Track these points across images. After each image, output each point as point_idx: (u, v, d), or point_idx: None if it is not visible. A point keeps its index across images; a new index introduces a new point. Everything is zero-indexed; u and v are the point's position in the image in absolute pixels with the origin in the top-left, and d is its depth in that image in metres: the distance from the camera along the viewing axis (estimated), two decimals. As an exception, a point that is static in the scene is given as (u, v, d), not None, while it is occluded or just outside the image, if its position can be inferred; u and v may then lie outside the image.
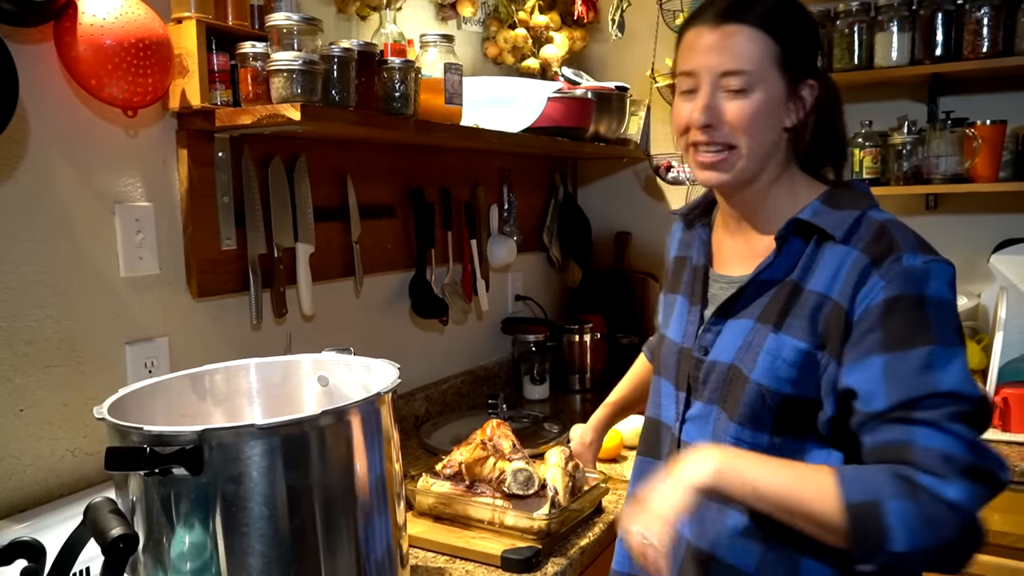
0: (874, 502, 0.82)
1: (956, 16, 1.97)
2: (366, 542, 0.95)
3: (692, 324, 1.11)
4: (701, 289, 1.12)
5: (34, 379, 1.17)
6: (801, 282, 0.99)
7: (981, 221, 2.18)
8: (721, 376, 1.03)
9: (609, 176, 2.72)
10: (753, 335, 1.01)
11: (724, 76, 0.98)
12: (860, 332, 0.91)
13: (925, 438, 0.84)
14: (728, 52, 0.97)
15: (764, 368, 0.97)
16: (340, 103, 1.34)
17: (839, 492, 0.84)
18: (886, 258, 0.92)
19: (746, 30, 0.97)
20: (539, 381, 2.28)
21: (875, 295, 0.91)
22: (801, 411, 0.97)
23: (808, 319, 0.96)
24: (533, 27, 2.33)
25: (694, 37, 1.01)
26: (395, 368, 1.08)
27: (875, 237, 0.95)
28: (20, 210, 1.15)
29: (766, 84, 0.98)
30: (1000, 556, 1.68)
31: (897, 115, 2.17)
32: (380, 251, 1.85)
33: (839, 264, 0.96)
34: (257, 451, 0.85)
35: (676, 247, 1.25)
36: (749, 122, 0.98)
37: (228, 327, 1.49)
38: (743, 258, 1.08)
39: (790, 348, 0.96)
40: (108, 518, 0.81)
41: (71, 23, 1.11)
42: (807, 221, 0.99)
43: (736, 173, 1.01)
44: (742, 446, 0.99)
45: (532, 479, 1.33)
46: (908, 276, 0.90)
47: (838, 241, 0.97)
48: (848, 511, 0.83)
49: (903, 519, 0.81)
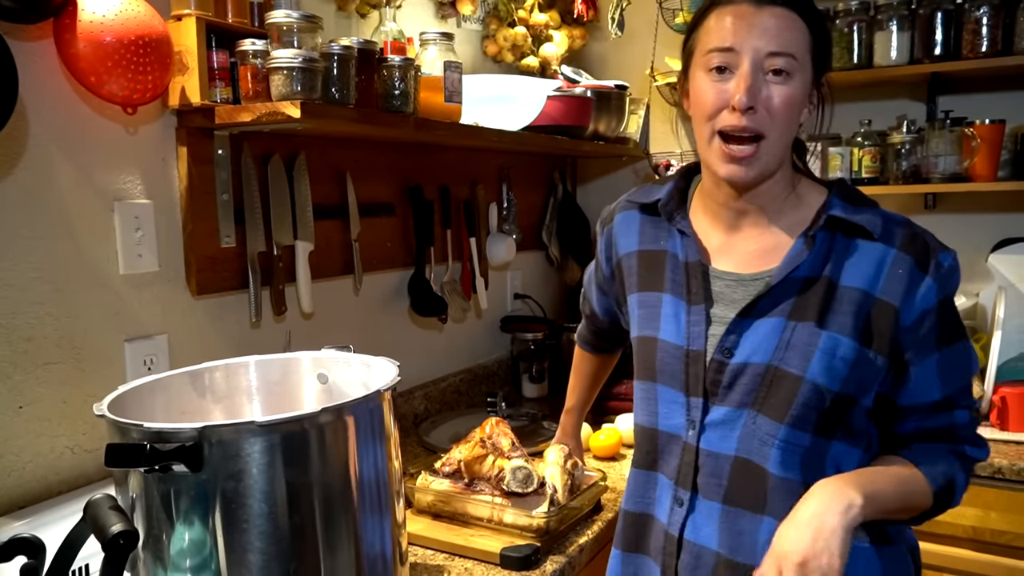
0: (951, 482, 1.00)
1: (955, 15, 1.97)
2: (365, 539, 0.95)
3: (697, 324, 1.05)
4: (702, 286, 1.06)
5: (33, 376, 1.17)
6: (835, 278, 0.99)
7: (980, 220, 2.18)
8: (756, 378, 0.99)
9: (608, 175, 2.72)
10: (791, 333, 0.98)
11: (770, 57, 0.95)
12: (923, 334, 0.98)
13: (963, 419, 1.03)
14: (776, 33, 0.94)
15: (821, 367, 0.97)
16: (340, 101, 1.34)
17: (929, 485, 0.99)
18: (929, 260, 0.97)
19: (791, 14, 0.96)
20: (538, 379, 2.28)
21: (931, 298, 0.97)
22: (841, 409, 0.99)
23: (853, 315, 0.97)
24: (533, 25, 2.33)
25: (734, 13, 0.96)
26: (394, 366, 1.08)
27: (909, 237, 0.99)
28: (19, 207, 1.15)
29: (803, 73, 0.97)
30: (998, 555, 1.68)
31: (896, 114, 2.17)
32: (379, 249, 1.85)
33: (879, 262, 0.98)
34: (257, 448, 0.85)
35: (636, 240, 1.16)
36: (788, 110, 0.96)
37: (227, 325, 1.49)
38: (751, 255, 1.05)
39: (847, 346, 0.97)
40: (108, 514, 0.81)
41: (71, 20, 1.11)
42: (843, 218, 0.99)
43: (761, 168, 0.99)
44: (790, 448, 0.99)
45: (531, 477, 1.33)
46: (948, 277, 0.98)
47: (876, 238, 0.98)
48: (936, 495, 0.99)
49: (964, 484, 1.02)
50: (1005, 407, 1.79)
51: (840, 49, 2.09)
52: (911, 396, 1.01)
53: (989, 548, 1.69)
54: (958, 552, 1.72)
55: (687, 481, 1.05)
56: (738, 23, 0.96)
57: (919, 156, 2.07)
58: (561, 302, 2.70)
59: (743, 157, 0.97)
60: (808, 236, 1.00)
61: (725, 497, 1.02)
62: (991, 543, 1.69)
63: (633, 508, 1.14)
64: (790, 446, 0.99)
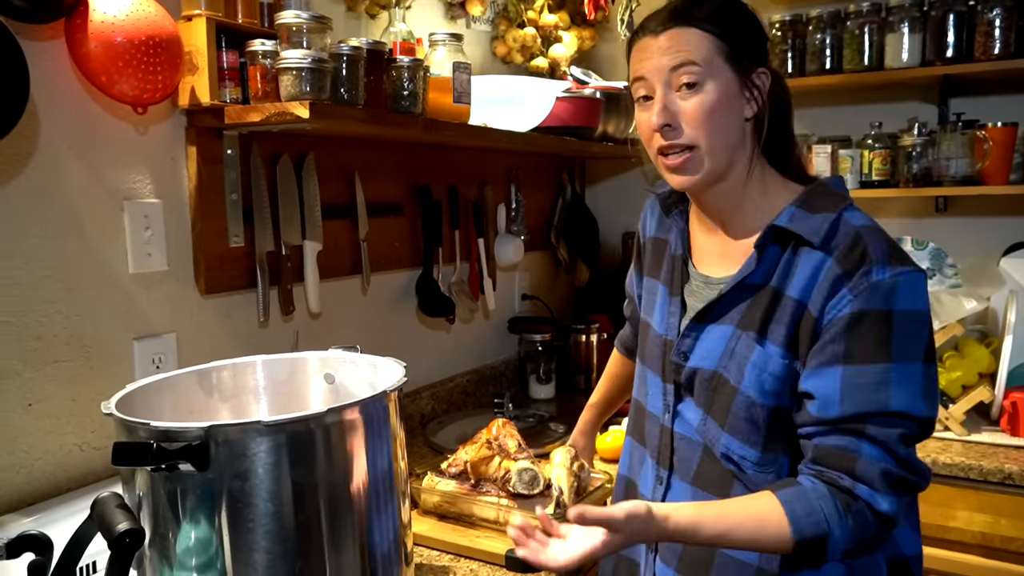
0: (823, 534, 0.91)
1: (968, 17, 1.96)
2: (370, 539, 0.95)
3: (674, 316, 1.11)
4: (680, 281, 1.12)
5: (43, 374, 1.18)
6: (780, 288, 0.99)
7: (991, 224, 2.16)
8: (705, 383, 1.04)
9: (617, 176, 2.72)
10: (735, 342, 1.01)
11: (674, 71, 0.98)
12: (824, 342, 0.94)
13: (869, 453, 0.92)
14: (674, 50, 0.99)
15: (752, 380, 0.98)
16: (349, 101, 1.35)
17: (791, 530, 0.90)
18: (857, 271, 0.93)
19: (690, 30, 0.99)
20: (545, 380, 2.28)
21: (842, 307, 0.93)
22: (786, 423, 0.99)
23: (787, 326, 0.97)
24: (542, 26, 2.33)
25: (641, 46, 1.03)
26: (401, 366, 1.08)
27: (850, 246, 0.95)
28: (30, 206, 1.16)
29: (717, 78, 0.98)
30: (1007, 561, 1.67)
31: (907, 116, 2.16)
32: (387, 249, 1.85)
33: (815, 271, 0.96)
34: (263, 448, 0.85)
35: (654, 227, 1.23)
36: (706, 117, 0.98)
37: (235, 324, 1.50)
38: (719, 258, 1.08)
39: (776, 362, 0.97)
40: (115, 513, 0.82)
41: (82, 20, 1.11)
42: (785, 228, 0.99)
43: (705, 173, 1.01)
44: (733, 457, 1.01)
45: (537, 479, 1.33)
46: (875, 291, 0.92)
47: (816, 247, 0.97)
48: (799, 545, 0.91)
49: (843, 536, 0.91)
50: (1016, 412, 1.78)
51: (851, 51, 2.08)
52: (814, 408, 0.94)
53: (998, 555, 1.68)
54: (967, 558, 1.71)
55: (665, 461, 1.10)
56: (643, 54, 1.02)
57: (930, 159, 2.06)
58: (569, 303, 2.70)
59: (680, 164, 1.01)
60: (755, 248, 1.01)
61: (694, 480, 1.06)
62: (1000, 549, 1.67)
63: (627, 473, 1.22)
64: (732, 455, 1.01)
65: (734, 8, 1.02)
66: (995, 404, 1.83)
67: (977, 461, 1.67)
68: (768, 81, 1.02)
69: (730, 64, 0.99)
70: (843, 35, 2.10)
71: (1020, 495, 1.64)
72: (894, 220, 2.26)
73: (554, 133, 1.98)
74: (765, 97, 1.02)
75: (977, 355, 1.90)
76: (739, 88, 1.00)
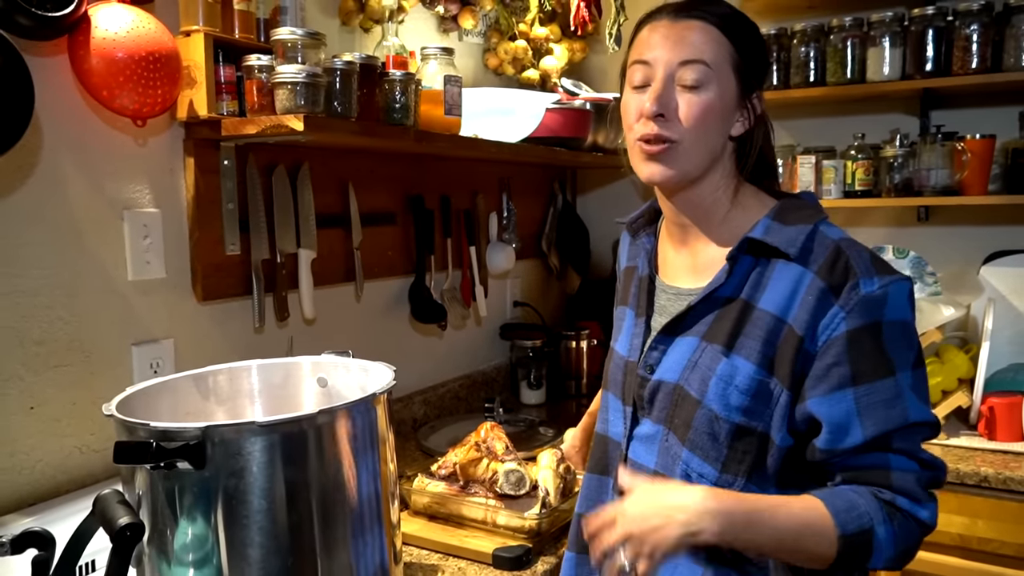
0: (867, 530, 0.88)
1: (946, 32, 2.01)
2: (360, 537, 0.98)
3: (638, 337, 1.08)
4: (647, 299, 1.09)
5: (44, 378, 1.22)
6: (751, 300, 0.97)
7: (971, 233, 2.21)
8: (668, 396, 1.01)
9: (607, 185, 2.76)
10: (699, 354, 0.98)
11: (682, 66, 0.96)
12: (825, 365, 0.91)
13: (901, 465, 0.91)
14: (687, 43, 0.96)
15: (716, 394, 0.95)
16: (342, 114, 1.39)
17: (835, 527, 0.88)
18: (844, 285, 0.92)
19: (706, 26, 0.97)
20: (536, 386, 2.31)
21: (836, 327, 0.91)
22: (750, 444, 0.95)
23: (762, 341, 0.94)
24: (533, 39, 2.37)
25: (650, 31, 1.00)
26: (391, 370, 1.11)
27: (831, 260, 0.93)
28: (33, 215, 1.20)
29: (721, 84, 0.97)
30: (984, 562, 1.71)
31: (889, 128, 2.21)
32: (380, 257, 1.89)
33: (794, 285, 0.94)
34: (257, 447, 0.89)
35: (625, 257, 1.21)
36: (701, 118, 0.96)
37: (231, 330, 1.53)
38: (689, 269, 1.06)
39: (743, 375, 0.94)
40: (116, 508, 0.85)
41: (84, 37, 1.15)
42: (760, 240, 0.97)
43: (680, 170, 0.98)
44: (691, 475, 0.97)
45: (524, 480, 1.37)
46: (867, 305, 0.91)
47: (793, 259, 0.95)
48: (843, 541, 0.88)
49: (887, 541, 0.89)
50: (993, 417, 1.82)
51: (835, 64, 2.13)
52: (829, 439, 0.91)
53: (976, 556, 1.72)
54: (945, 559, 1.74)
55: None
56: (655, 37, 0.99)
57: (911, 169, 2.10)
58: (560, 310, 2.74)
59: (658, 153, 0.97)
60: (728, 259, 0.99)
61: None
62: (978, 551, 1.71)
63: (586, 512, 1.12)
64: (691, 472, 0.97)
65: (751, 28, 1.01)
66: (973, 409, 1.87)
67: (955, 465, 1.71)
68: (760, 107, 1.02)
69: (736, 76, 0.98)
70: (827, 48, 2.15)
71: (996, 498, 1.68)
72: (878, 229, 2.30)
73: (544, 144, 2.01)
74: (754, 122, 1.01)
75: (957, 361, 1.94)
76: (736, 103, 0.99)
